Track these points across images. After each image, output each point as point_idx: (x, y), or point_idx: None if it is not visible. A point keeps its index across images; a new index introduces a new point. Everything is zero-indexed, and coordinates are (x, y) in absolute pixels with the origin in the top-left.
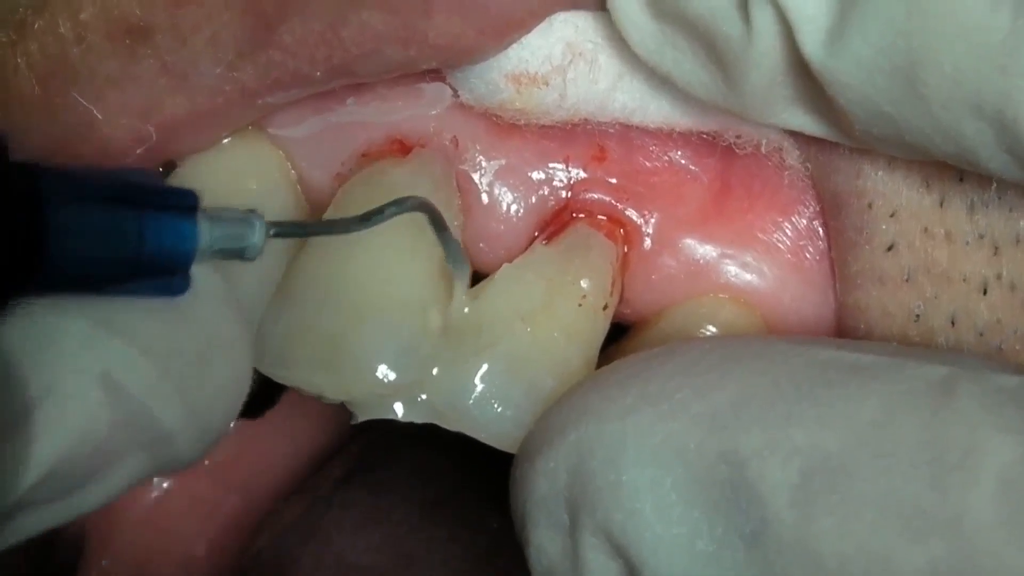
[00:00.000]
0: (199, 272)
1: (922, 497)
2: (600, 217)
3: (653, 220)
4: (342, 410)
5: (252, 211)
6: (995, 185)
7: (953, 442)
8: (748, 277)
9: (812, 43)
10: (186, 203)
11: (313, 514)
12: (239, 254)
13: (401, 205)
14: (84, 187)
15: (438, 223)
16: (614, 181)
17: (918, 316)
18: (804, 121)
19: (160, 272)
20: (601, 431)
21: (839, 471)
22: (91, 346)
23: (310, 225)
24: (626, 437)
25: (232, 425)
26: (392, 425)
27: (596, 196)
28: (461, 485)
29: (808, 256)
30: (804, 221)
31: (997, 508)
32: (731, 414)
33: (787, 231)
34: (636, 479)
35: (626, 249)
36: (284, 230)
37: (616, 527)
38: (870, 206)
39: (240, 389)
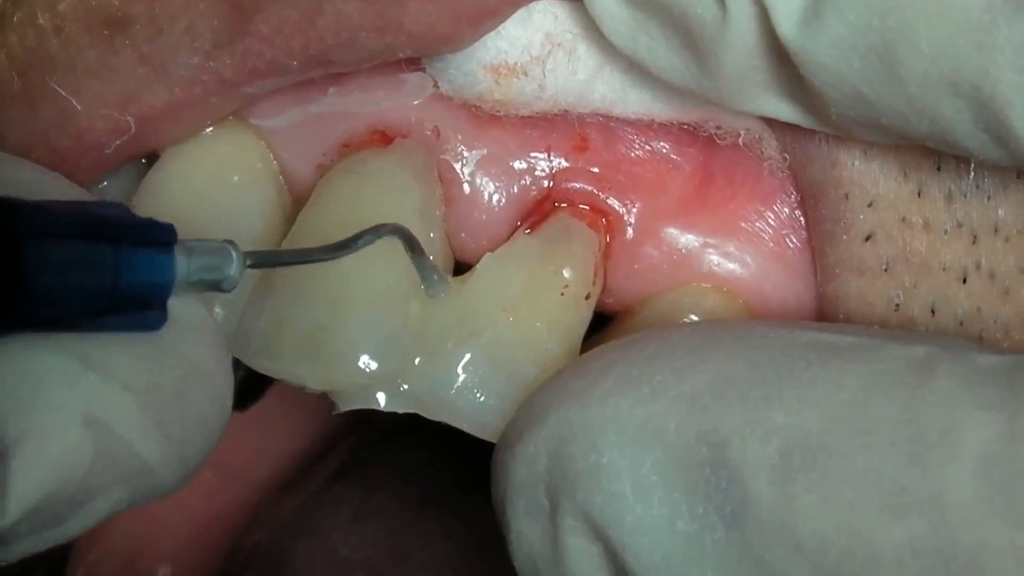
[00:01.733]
0: (177, 304)
1: (902, 474)
2: (582, 207)
3: (635, 209)
4: (332, 404)
5: (229, 242)
6: (972, 174)
7: (933, 420)
8: (731, 266)
9: (787, 24)
10: (163, 237)
11: (307, 510)
12: (216, 285)
13: (375, 232)
14: (60, 223)
15: (413, 246)
16: (596, 171)
17: (898, 305)
18: (779, 108)
19: (138, 306)
20: (581, 414)
21: (819, 450)
22: (71, 382)
23: (287, 254)
24: (606, 420)
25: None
26: (385, 422)
27: (578, 186)
28: (455, 481)
29: (790, 245)
30: (786, 210)
31: (977, 484)
32: (711, 395)
33: (769, 220)
34: (616, 461)
35: (608, 238)
36: (260, 260)
37: (596, 510)
38: (847, 196)
39: (220, 420)
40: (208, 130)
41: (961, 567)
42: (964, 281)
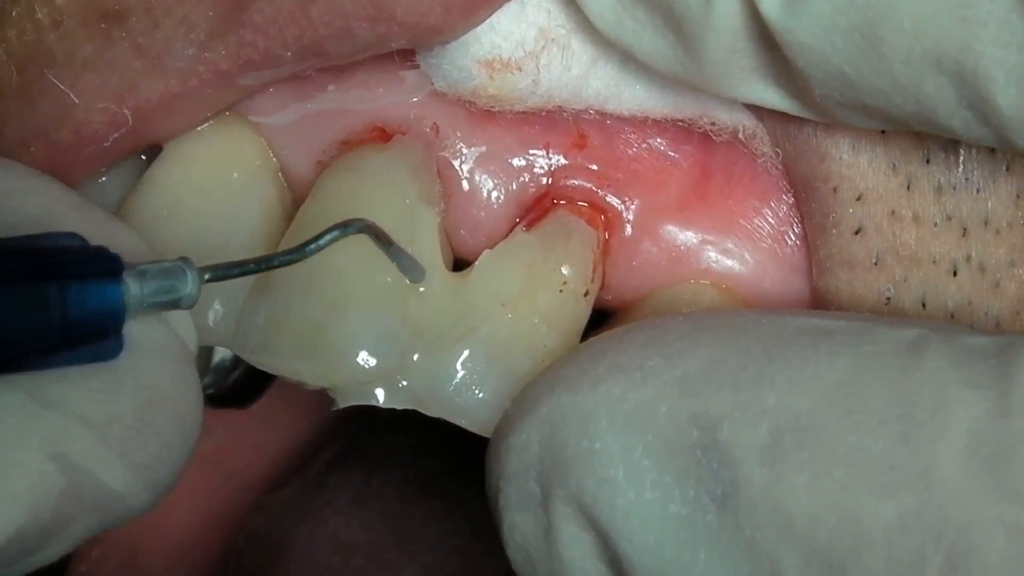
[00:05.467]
0: (137, 329)
1: (892, 452)
2: (581, 204)
3: (634, 206)
4: (330, 399)
5: (184, 259)
6: (962, 167)
7: (922, 399)
8: (729, 263)
9: (770, 4)
10: (111, 266)
11: (307, 495)
12: (175, 304)
13: (341, 229)
14: (2, 266)
15: (382, 240)
16: (595, 168)
17: (888, 299)
18: (765, 94)
19: (92, 337)
20: (573, 401)
21: (809, 430)
22: (30, 422)
23: (247, 263)
24: (598, 405)
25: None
26: (382, 411)
27: (577, 183)
28: (455, 462)
29: (788, 241)
30: (784, 207)
31: (966, 461)
32: (702, 379)
33: (767, 217)
34: (608, 446)
35: (607, 235)
36: (219, 273)
37: (589, 495)
38: (835, 190)
39: (186, 441)
40: (207, 126)
41: (951, 543)
42: (954, 274)
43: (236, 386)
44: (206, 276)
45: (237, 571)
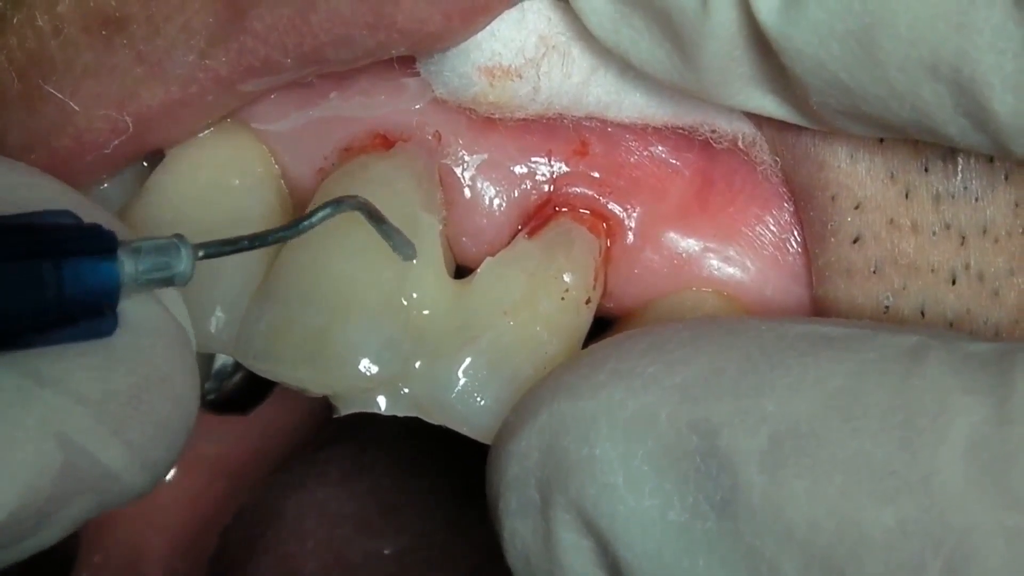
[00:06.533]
0: (133, 308)
1: (892, 458)
2: (583, 211)
3: (636, 214)
4: (329, 404)
5: (178, 236)
6: (960, 175)
7: (923, 405)
8: (731, 270)
9: (767, 10)
10: (105, 243)
11: (297, 470)
12: (169, 282)
13: (335, 206)
14: None
15: (375, 217)
16: (597, 175)
17: (887, 307)
18: (763, 102)
19: (88, 315)
20: (574, 407)
21: (809, 436)
22: (26, 400)
23: (241, 240)
24: (598, 412)
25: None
26: None
27: (579, 190)
28: (445, 440)
29: (790, 249)
30: (786, 215)
31: (966, 467)
32: (702, 385)
33: (769, 225)
34: (608, 453)
35: (609, 243)
36: (213, 250)
37: (589, 502)
38: (834, 199)
39: (183, 421)
40: (209, 133)
41: (951, 549)
42: (953, 283)
43: (236, 391)
44: (200, 253)
45: (226, 545)
